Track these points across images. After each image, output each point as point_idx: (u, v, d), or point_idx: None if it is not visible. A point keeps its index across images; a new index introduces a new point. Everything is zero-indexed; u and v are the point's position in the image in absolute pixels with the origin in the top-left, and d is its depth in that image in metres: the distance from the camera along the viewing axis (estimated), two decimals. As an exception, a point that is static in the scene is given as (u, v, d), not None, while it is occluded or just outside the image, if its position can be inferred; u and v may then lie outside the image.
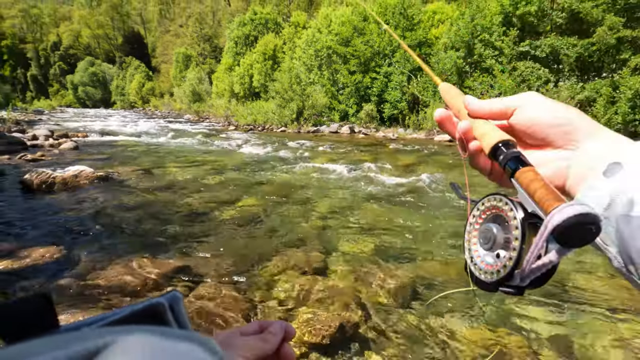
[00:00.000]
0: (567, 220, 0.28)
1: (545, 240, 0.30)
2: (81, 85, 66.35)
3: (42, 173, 5.53)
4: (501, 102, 0.41)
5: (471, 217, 0.42)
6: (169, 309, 0.23)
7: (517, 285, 0.34)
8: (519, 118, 0.40)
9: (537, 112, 0.39)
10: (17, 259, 3.10)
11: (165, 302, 0.23)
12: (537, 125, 0.38)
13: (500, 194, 0.38)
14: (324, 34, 20.08)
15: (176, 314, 0.24)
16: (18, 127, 14.32)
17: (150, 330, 0.16)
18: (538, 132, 0.39)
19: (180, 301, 0.25)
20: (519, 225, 0.34)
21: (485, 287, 0.38)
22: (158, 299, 0.23)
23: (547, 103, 0.39)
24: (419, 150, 10.97)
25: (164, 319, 0.23)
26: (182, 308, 0.25)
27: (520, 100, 0.40)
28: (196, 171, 7.14)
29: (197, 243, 3.58)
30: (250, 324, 0.44)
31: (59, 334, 0.17)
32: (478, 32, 14.89)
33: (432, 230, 4.06)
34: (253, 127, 20.09)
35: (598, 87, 12.37)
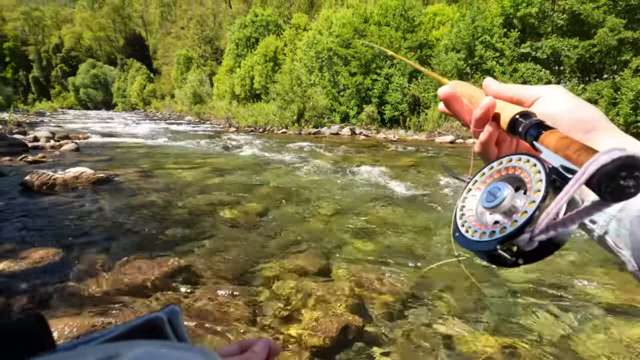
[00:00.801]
0: (617, 160, 0.23)
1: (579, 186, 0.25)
2: (83, 87, 66.53)
3: (43, 174, 5.53)
4: (523, 89, 0.40)
5: (479, 176, 0.38)
6: (168, 323, 0.23)
7: (520, 247, 0.29)
8: (539, 108, 0.38)
9: (559, 105, 0.37)
10: (17, 260, 3.08)
11: (164, 317, 0.23)
12: (557, 119, 0.36)
13: (520, 152, 0.34)
14: (325, 35, 20.13)
15: (175, 328, 0.24)
16: (19, 128, 14.34)
17: (152, 344, 0.16)
18: (558, 126, 0.36)
19: (179, 315, 0.25)
20: (544, 177, 0.29)
21: (478, 247, 0.32)
22: (157, 314, 0.23)
23: (571, 98, 0.37)
24: (420, 152, 10.95)
25: (163, 333, 0.23)
26: (181, 322, 0.25)
27: (543, 91, 0.39)
28: (197, 173, 7.13)
29: (197, 244, 3.57)
30: (230, 345, 0.42)
31: (56, 353, 0.17)
32: (479, 34, 14.91)
33: (434, 231, 4.05)
34: (254, 129, 20.11)
35: (599, 89, 12.36)
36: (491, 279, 2.96)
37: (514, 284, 2.88)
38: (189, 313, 2.39)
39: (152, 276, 2.86)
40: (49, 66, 74.98)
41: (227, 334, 2.20)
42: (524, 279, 2.95)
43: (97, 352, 0.14)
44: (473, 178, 0.38)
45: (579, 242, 3.78)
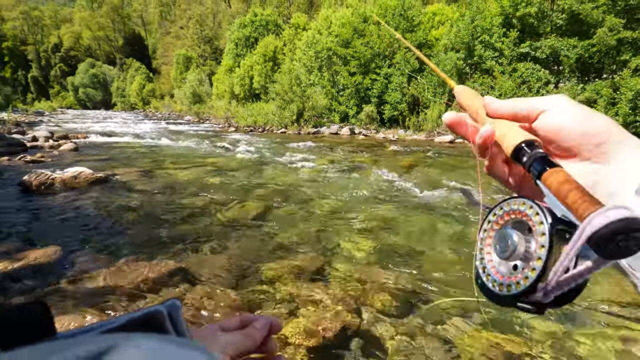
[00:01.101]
0: (611, 224, 0.23)
1: (577, 249, 0.25)
2: (82, 86, 66.46)
3: (42, 174, 5.52)
4: (526, 102, 0.37)
5: (486, 223, 0.37)
6: (168, 317, 0.23)
7: (539, 301, 0.29)
8: (544, 122, 0.36)
9: (567, 117, 0.34)
10: (15, 260, 3.08)
11: (164, 310, 0.23)
12: (566, 132, 0.34)
13: (523, 196, 0.34)
14: (324, 35, 20.13)
15: (175, 322, 0.23)
16: (18, 128, 14.32)
17: (150, 337, 0.16)
18: (565, 140, 0.34)
19: (179, 310, 0.24)
20: (547, 231, 0.29)
21: (499, 300, 0.32)
22: (157, 307, 0.23)
23: (578, 109, 0.35)
24: (419, 152, 10.95)
25: (163, 327, 0.23)
26: (181, 316, 0.24)
27: (548, 103, 0.36)
28: (196, 172, 7.12)
29: (196, 244, 3.56)
30: (231, 319, 0.41)
31: (57, 341, 0.17)
32: (478, 34, 14.91)
33: (434, 232, 4.04)
34: (253, 129, 20.10)
35: (598, 89, 12.37)
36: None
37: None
38: (186, 313, 2.38)
39: (151, 276, 2.86)
40: (48, 66, 74.90)
41: (225, 334, 2.19)
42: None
43: (96, 342, 0.14)
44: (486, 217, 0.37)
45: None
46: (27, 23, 76.72)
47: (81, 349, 0.13)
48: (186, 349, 0.16)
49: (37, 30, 77.75)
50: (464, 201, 5.26)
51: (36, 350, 0.13)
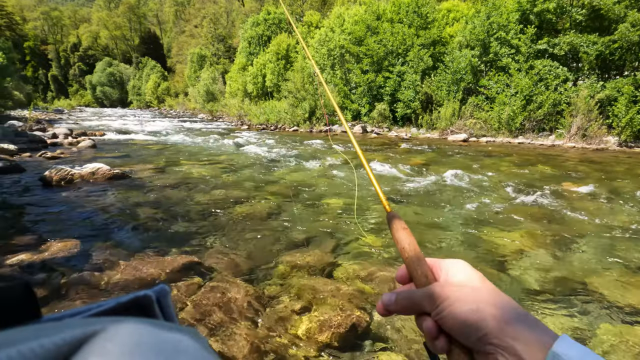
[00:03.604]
0: None
1: None
2: (99, 85, 67.98)
3: (62, 170, 5.69)
4: (415, 300, 0.39)
5: None
6: (156, 302, 0.23)
7: None
8: (440, 319, 0.37)
9: (451, 317, 0.35)
10: (37, 252, 3.19)
11: (153, 295, 0.23)
12: (458, 330, 0.35)
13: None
14: (337, 33, 20.05)
15: (163, 307, 0.23)
16: (39, 125, 14.77)
17: (138, 321, 0.15)
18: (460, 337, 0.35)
19: (168, 295, 0.24)
20: None
21: None
22: (145, 291, 0.23)
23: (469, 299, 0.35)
24: (432, 150, 10.83)
25: (151, 311, 0.23)
26: (170, 301, 0.24)
27: (434, 298, 0.37)
28: (209, 170, 7.23)
29: (209, 240, 3.62)
30: None
31: (43, 323, 0.17)
32: (494, 30, 14.61)
33: (444, 229, 4.01)
34: (266, 127, 20.22)
35: (619, 86, 11.98)
36: (502, 278, 2.92)
37: (525, 285, 2.84)
38: (198, 306, 2.44)
39: (165, 269, 2.93)
40: (67, 65, 76.85)
41: (236, 328, 2.24)
42: (534, 279, 2.90)
43: (83, 325, 0.14)
44: None
45: (586, 242, 3.70)
46: (47, 23, 78.84)
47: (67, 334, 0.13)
48: (173, 332, 0.16)
49: (56, 30, 79.84)
50: (478, 200, 5.20)
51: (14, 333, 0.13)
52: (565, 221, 4.35)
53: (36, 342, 0.12)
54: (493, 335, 0.32)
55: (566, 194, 5.61)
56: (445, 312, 0.36)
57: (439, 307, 0.36)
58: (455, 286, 0.37)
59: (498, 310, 0.34)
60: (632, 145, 11.59)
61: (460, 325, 0.34)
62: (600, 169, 7.89)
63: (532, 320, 0.33)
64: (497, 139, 13.85)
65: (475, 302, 0.35)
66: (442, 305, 0.36)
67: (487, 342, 0.33)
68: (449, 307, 0.36)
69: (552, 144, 12.62)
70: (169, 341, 0.15)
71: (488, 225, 4.16)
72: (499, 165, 8.24)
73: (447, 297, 0.36)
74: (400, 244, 0.45)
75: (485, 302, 0.35)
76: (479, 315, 0.34)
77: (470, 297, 0.36)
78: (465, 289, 0.37)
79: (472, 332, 0.34)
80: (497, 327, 0.33)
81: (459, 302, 0.35)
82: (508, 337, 0.32)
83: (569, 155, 10.17)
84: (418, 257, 0.43)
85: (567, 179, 6.78)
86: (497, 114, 14.00)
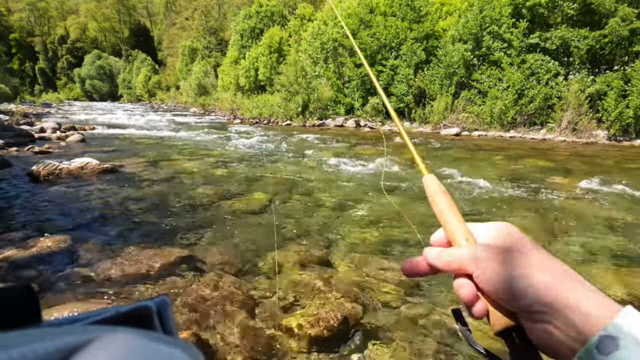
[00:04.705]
0: None
1: None
2: (88, 78, 66.73)
3: (49, 164, 5.59)
4: (458, 260, 0.37)
5: None
6: (156, 314, 0.23)
7: None
8: (481, 282, 0.35)
9: (501, 279, 0.33)
10: (25, 248, 3.14)
11: (153, 306, 0.23)
12: (503, 295, 0.33)
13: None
14: (330, 26, 19.90)
15: (163, 320, 0.23)
16: (26, 119, 14.46)
17: (133, 332, 0.15)
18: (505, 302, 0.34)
19: (168, 307, 0.24)
20: None
21: None
22: (146, 302, 0.23)
23: (512, 263, 0.33)
24: (425, 144, 10.87)
25: (150, 323, 0.22)
26: (170, 314, 0.24)
27: (475, 258, 0.35)
28: (201, 164, 7.16)
29: (200, 234, 3.60)
30: None
31: (40, 328, 0.17)
32: (487, 24, 14.64)
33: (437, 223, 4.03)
34: (258, 121, 20.08)
35: (609, 80, 12.13)
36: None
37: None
38: (190, 301, 2.42)
39: (156, 265, 2.90)
40: (54, 57, 75.22)
41: (228, 322, 2.23)
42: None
43: (78, 333, 0.14)
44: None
45: (576, 234, 3.76)
46: (34, 14, 76.90)
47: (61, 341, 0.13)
48: (168, 345, 0.16)
49: (43, 22, 77.94)
50: (471, 194, 5.24)
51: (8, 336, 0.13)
52: (556, 214, 4.41)
53: (29, 347, 0.12)
54: (545, 302, 0.30)
55: (556, 188, 5.68)
56: (491, 275, 0.34)
57: (485, 268, 0.34)
58: (503, 248, 0.35)
59: (551, 276, 0.32)
60: (621, 139, 11.77)
61: (507, 289, 0.32)
62: (589, 163, 8.00)
63: (590, 289, 0.31)
64: (489, 133, 13.95)
65: (526, 265, 0.33)
66: (488, 266, 0.34)
67: (537, 309, 0.31)
68: (496, 269, 0.34)
69: (543, 138, 12.75)
70: (162, 353, 0.15)
71: (479, 218, 4.20)
72: (491, 159, 8.30)
73: (494, 259, 0.34)
74: (438, 206, 0.44)
75: (537, 266, 0.33)
76: (530, 280, 0.32)
77: (520, 260, 0.33)
78: (515, 252, 0.34)
79: (520, 297, 0.32)
80: (550, 294, 0.30)
81: (507, 264, 0.33)
82: (562, 304, 0.30)
83: (559, 149, 10.29)
84: (458, 220, 0.41)
85: (557, 172, 6.86)
86: (489, 108, 14.08)
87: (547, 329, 0.31)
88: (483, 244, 0.37)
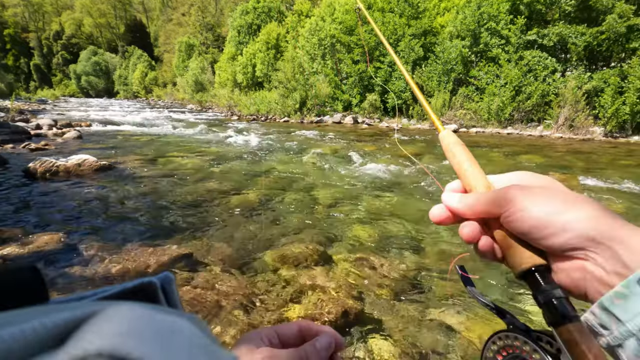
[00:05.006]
0: None
1: None
2: (84, 74, 66.24)
3: (46, 161, 5.55)
4: (485, 201, 0.35)
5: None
6: (161, 289, 0.23)
7: None
8: (511, 224, 0.33)
9: (535, 215, 0.31)
10: (22, 245, 3.13)
11: (157, 282, 0.23)
12: (537, 233, 0.31)
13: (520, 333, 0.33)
14: (328, 22, 19.82)
15: (167, 294, 0.24)
16: (22, 116, 14.34)
17: (136, 304, 0.16)
18: (535, 242, 0.32)
19: (172, 282, 0.24)
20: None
21: None
22: (150, 278, 0.23)
23: (546, 200, 0.32)
24: (423, 141, 10.90)
25: (155, 298, 0.23)
26: (174, 289, 0.24)
27: (508, 198, 0.33)
28: (199, 161, 7.14)
29: (199, 231, 3.60)
30: (289, 325, 0.38)
31: (48, 305, 0.17)
32: (484, 21, 14.63)
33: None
34: (256, 117, 20.03)
35: (606, 77, 12.17)
36: (493, 267, 2.97)
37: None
38: (189, 298, 2.43)
39: (154, 262, 2.90)
40: (50, 53, 74.57)
41: (227, 317, 2.24)
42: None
43: (84, 307, 0.14)
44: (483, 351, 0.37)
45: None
46: (28, 10, 76.11)
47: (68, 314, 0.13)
48: (171, 315, 0.16)
49: (38, 17, 77.17)
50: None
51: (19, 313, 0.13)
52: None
53: (37, 321, 0.12)
54: (588, 236, 0.29)
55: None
56: (521, 214, 0.32)
57: (514, 207, 0.32)
58: (536, 186, 0.34)
59: (594, 211, 0.30)
60: (617, 135, 11.83)
61: (542, 226, 0.31)
62: (586, 159, 8.04)
63: (632, 226, 0.29)
64: (486, 129, 13.99)
65: (566, 201, 0.31)
66: (518, 205, 0.32)
67: (576, 245, 0.30)
68: (527, 208, 0.32)
69: (540, 134, 12.80)
70: (166, 322, 0.15)
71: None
72: (488, 155, 8.33)
73: (526, 197, 0.32)
74: (456, 157, 0.43)
75: (578, 201, 0.31)
76: (572, 214, 0.30)
77: (558, 196, 0.32)
78: (549, 189, 0.33)
79: (559, 233, 0.30)
80: (595, 228, 0.29)
81: (543, 201, 0.31)
82: (608, 238, 0.28)
83: (556, 146, 10.34)
84: (477, 169, 0.40)
85: (554, 169, 6.90)
86: (486, 105, 14.11)
87: (582, 266, 0.30)
88: (512, 185, 0.35)
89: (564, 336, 0.29)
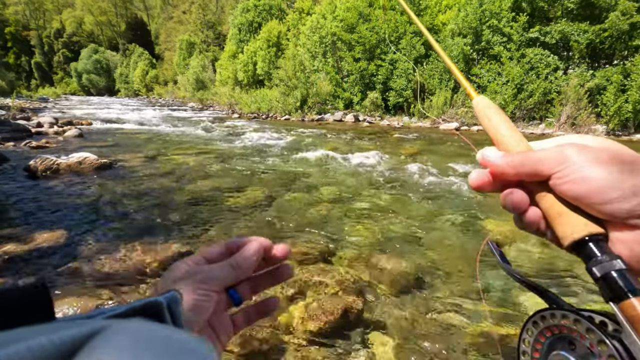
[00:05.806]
0: None
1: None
2: (85, 72, 66.26)
3: (47, 159, 5.55)
4: (535, 159, 0.31)
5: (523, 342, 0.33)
6: (167, 309, 0.23)
7: None
8: (565, 186, 0.29)
9: (597, 176, 0.27)
10: (22, 243, 3.12)
11: (164, 302, 0.23)
12: (598, 197, 0.27)
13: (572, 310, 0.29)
14: (329, 20, 19.75)
15: (173, 314, 0.24)
16: (23, 114, 14.35)
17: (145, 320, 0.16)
18: (594, 207, 0.28)
19: (178, 302, 0.24)
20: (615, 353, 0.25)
21: None
22: (157, 298, 0.23)
23: (611, 160, 0.28)
24: (424, 139, 10.86)
25: (161, 317, 0.23)
26: (180, 309, 0.24)
27: (563, 156, 0.29)
28: (199, 159, 7.13)
29: (199, 230, 3.59)
30: (214, 245, 0.37)
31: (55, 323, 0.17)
32: (486, 18, 14.56)
33: (436, 219, 4.04)
34: (257, 115, 20.00)
35: (609, 75, 12.10)
36: (496, 265, 2.96)
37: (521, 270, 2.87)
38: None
39: (155, 260, 2.89)
40: (51, 51, 74.57)
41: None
42: (531, 265, 2.95)
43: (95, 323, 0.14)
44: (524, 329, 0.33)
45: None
46: (29, 8, 76.06)
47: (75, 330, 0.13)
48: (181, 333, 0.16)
49: (39, 15, 77.12)
50: (468, 193, 5.24)
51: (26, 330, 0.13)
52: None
53: (45, 337, 0.12)
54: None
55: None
56: (580, 175, 0.28)
57: (571, 167, 0.28)
58: (595, 147, 0.29)
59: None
60: (620, 133, 11.77)
61: (605, 190, 0.27)
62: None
63: None
64: (488, 127, 13.93)
65: (627, 163, 0.27)
66: (575, 165, 0.28)
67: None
68: (586, 168, 0.28)
69: (542, 132, 12.75)
70: (177, 340, 0.15)
71: (479, 213, 4.20)
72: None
73: (582, 157, 0.28)
74: (491, 120, 0.38)
75: (637, 163, 0.28)
76: (637, 179, 0.27)
77: (617, 158, 0.28)
78: (608, 150, 0.29)
79: (625, 198, 0.26)
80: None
81: (602, 162, 0.28)
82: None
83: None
84: (516, 134, 0.36)
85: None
86: (488, 103, 14.05)
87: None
88: (566, 143, 0.31)
89: (628, 312, 0.25)
